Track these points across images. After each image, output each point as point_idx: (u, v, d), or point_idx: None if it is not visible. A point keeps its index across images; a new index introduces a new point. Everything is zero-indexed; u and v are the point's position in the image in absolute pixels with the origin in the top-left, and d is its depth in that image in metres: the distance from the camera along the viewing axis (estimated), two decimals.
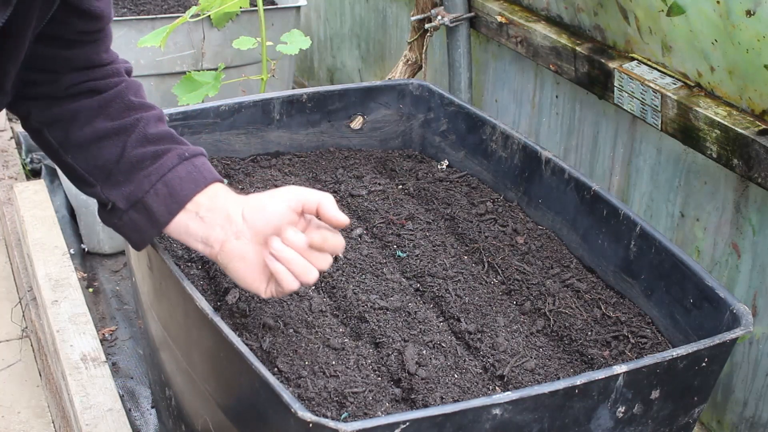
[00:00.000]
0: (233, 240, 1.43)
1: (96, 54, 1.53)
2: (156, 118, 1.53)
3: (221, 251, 1.44)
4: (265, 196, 1.46)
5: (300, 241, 1.39)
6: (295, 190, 1.44)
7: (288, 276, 1.39)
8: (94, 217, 2.91)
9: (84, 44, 1.50)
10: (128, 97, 1.52)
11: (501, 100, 2.72)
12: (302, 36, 2.65)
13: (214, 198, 1.46)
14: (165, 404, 1.91)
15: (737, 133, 1.84)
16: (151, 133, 1.49)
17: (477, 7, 2.62)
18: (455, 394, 1.48)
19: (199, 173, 1.48)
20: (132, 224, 1.48)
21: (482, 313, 1.69)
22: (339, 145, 2.20)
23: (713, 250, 2.08)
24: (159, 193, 1.45)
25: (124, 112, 1.51)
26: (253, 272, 1.44)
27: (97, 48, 1.53)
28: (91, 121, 1.49)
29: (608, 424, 1.40)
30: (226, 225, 1.44)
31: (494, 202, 2.01)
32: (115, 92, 1.52)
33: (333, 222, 1.42)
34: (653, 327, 1.67)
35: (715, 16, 1.81)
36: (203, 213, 1.45)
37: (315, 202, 1.42)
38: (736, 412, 2.09)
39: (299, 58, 3.95)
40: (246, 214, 1.43)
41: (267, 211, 1.43)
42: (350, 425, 1.23)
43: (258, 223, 1.43)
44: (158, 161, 1.46)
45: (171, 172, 1.46)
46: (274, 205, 1.43)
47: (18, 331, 2.77)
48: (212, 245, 1.45)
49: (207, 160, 1.52)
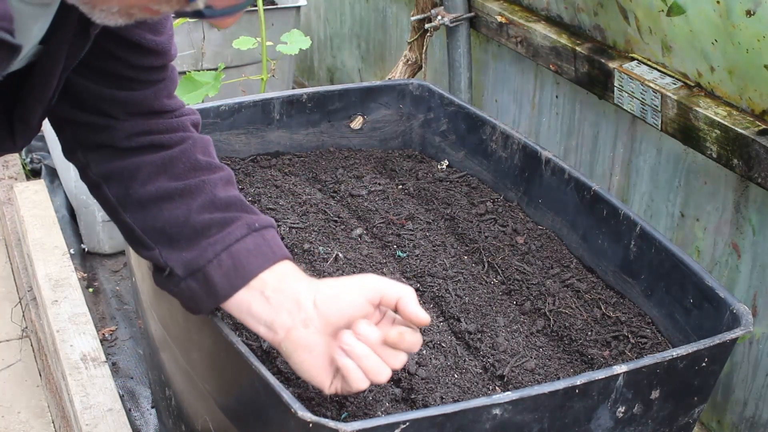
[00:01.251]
0: (301, 328, 1.30)
1: (157, 99, 1.41)
2: (225, 181, 1.41)
3: (286, 338, 1.31)
4: (340, 283, 1.33)
5: (374, 336, 1.27)
6: (374, 280, 1.32)
7: (357, 373, 1.27)
8: (94, 217, 2.91)
9: (142, 85, 1.39)
10: (195, 155, 1.41)
11: (501, 100, 2.72)
12: (302, 36, 2.65)
13: (284, 278, 1.33)
14: (165, 404, 1.91)
15: (737, 133, 1.84)
16: (219, 197, 1.38)
17: (477, 7, 2.62)
18: (455, 394, 1.48)
19: (269, 248, 1.35)
20: (189, 293, 1.36)
21: (482, 313, 1.69)
22: (339, 145, 2.20)
23: (713, 250, 2.08)
24: (223, 265, 1.33)
25: (191, 172, 1.39)
26: (319, 365, 1.31)
27: (158, 92, 1.41)
28: (154, 179, 1.38)
29: (608, 424, 1.40)
30: (294, 310, 1.30)
31: (494, 202, 2.01)
32: (181, 149, 1.41)
33: (413, 319, 1.29)
34: (653, 327, 1.67)
35: (715, 16, 1.81)
36: (269, 293, 1.32)
37: (395, 296, 1.29)
38: (736, 412, 2.09)
39: (299, 58, 3.95)
40: (318, 301, 1.30)
41: (341, 301, 1.30)
42: (350, 425, 1.23)
43: (330, 312, 1.29)
44: (225, 230, 1.34)
45: (238, 243, 1.33)
46: (349, 295, 1.30)
47: (18, 331, 2.77)
48: (277, 331, 1.31)
49: (277, 233, 1.40)
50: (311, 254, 1.79)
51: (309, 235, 1.84)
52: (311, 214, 1.91)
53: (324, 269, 1.75)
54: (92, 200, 2.87)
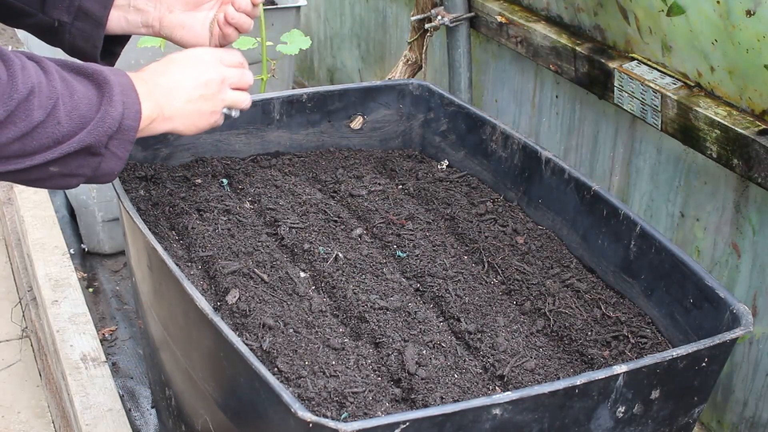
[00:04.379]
0: (167, 15, 1.66)
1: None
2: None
3: (162, 27, 1.67)
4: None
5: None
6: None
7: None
8: (94, 217, 2.91)
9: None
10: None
11: (501, 100, 2.72)
12: (302, 36, 2.64)
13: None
14: (165, 404, 1.91)
15: (737, 133, 1.84)
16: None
17: (477, 7, 2.62)
18: (455, 394, 1.48)
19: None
20: (81, 33, 1.61)
21: (482, 313, 1.69)
22: (339, 145, 2.20)
23: (713, 250, 2.08)
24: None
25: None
26: (195, 34, 1.67)
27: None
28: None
29: (608, 424, 1.40)
30: (157, 4, 1.65)
31: (494, 202, 2.01)
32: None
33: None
34: (653, 327, 1.67)
35: (715, 16, 1.81)
36: (134, 3, 1.64)
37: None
38: (736, 412, 2.09)
39: (299, 58, 3.95)
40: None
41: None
42: (350, 425, 1.23)
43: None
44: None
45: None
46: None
47: (18, 331, 2.77)
48: (152, 25, 1.66)
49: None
50: (311, 254, 1.79)
51: (309, 235, 1.84)
52: (311, 214, 1.91)
53: (324, 269, 1.75)
54: (92, 200, 2.87)
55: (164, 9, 1.67)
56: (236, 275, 1.69)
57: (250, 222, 1.88)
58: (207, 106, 1.55)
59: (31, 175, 1.35)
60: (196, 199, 1.93)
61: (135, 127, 1.40)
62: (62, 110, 1.33)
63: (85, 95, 1.36)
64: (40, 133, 1.31)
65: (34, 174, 1.35)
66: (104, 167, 1.40)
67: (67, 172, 1.37)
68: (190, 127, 1.54)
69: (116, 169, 1.42)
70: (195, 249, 1.78)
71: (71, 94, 1.35)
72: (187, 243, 1.81)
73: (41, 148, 1.32)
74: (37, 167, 1.33)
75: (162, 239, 1.81)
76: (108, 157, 1.39)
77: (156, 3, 1.67)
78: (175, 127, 1.51)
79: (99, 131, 1.36)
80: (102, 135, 1.36)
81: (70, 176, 1.38)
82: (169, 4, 1.67)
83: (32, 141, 1.31)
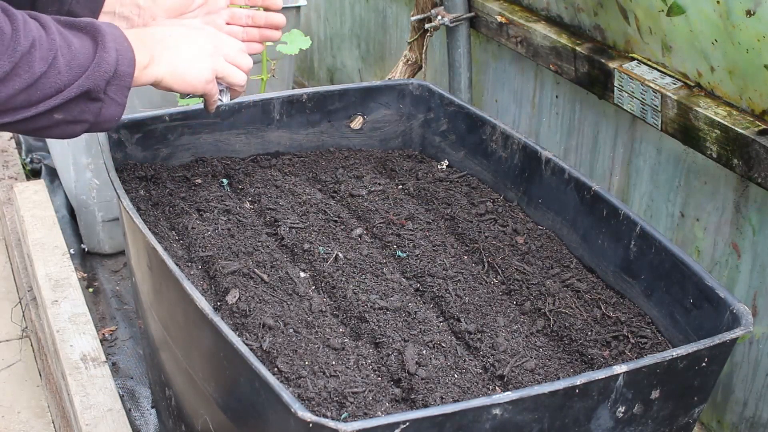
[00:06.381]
0: (151, 22, 1.70)
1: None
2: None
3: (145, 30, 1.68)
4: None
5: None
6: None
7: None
8: (94, 217, 2.91)
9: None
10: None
11: (501, 100, 2.72)
12: (302, 36, 2.64)
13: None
14: (165, 404, 1.91)
15: (737, 133, 1.84)
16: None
17: (477, 7, 2.62)
18: (455, 394, 1.48)
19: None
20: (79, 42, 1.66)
21: (482, 313, 1.69)
22: (339, 145, 2.20)
23: (713, 250, 2.08)
24: (80, 2, 1.66)
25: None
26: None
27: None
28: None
29: (608, 424, 1.40)
30: (141, 12, 1.70)
31: (494, 202, 2.01)
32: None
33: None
34: (653, 327, 1.67)
35: (715, 16, 1.81)
36: (120, 10, 1.69)
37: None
38: (736, 412, 2.09)
39: (299, 58, 3.95)
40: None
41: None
42: (350, 425, 1.23)
43: (165, 3, 1.72)
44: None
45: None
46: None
47: (18, 331, 2.77)
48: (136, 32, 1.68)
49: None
50: (311, 254, 1.79)
51: (309, 235, 1.84)
52: (311, 214, 1.91)
53: (324, 269, 1.75)
54: (92, 200, 2.87)
55: (148, 17, 1.71)
56: (236, 275, 1.69)
57: (250, 222, 1.88)
58: (198, 63, 1.61)
59: (38, 123, 1.43)
60: (196, 199, 1.93)
61: (130, 73, 1.48)
62: (62, 61, 1.40)
63: (81, 46, 1.44)
64: (43, 83, 1.39)
65: (40, 122, 1.43)
66: (105, 113, 1.47)
67: (71, 119, 1.45)
68: (179, 80, 1.60)
69: (116, 114, 1.49)
70: (195, 249, 1.78)
71: (69, 46, 1.42)
72: (187, 243, 1.81)
73: (45, 97, 1.40)
74: (42, 115, 1.41)
75: (162, 239, 1.81)
76: (108, 102, 1.47)
77: (140, 11, 1.71)
78: (163, 76, 1.57)
79: (96, 76, 1.43)
80: (99, 79, 1.44)
81: (74, 123, 1.46)
82: (152, 12, 1.71)
83: (36, 91, 1.39)
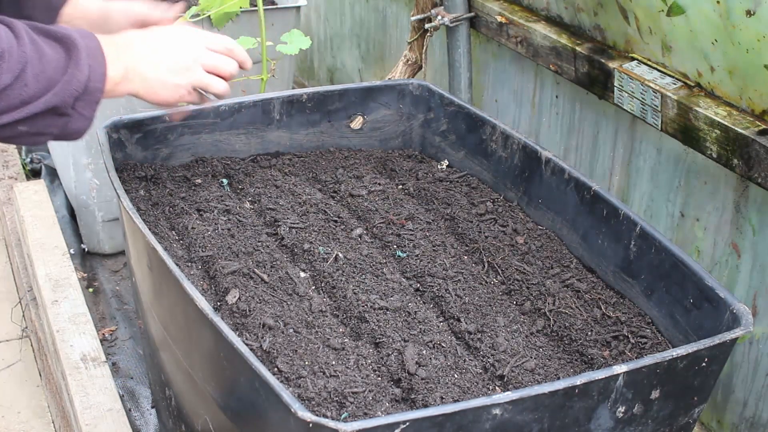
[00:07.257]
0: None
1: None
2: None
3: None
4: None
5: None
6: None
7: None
8: (94, 217, 2.91)
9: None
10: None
11: (501, 100, 2.72)
12: (302, 36, 2.64)
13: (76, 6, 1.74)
14: (165, 404, 1.91)
15: (737, 133, 1.84)
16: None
17: (477, 7, 2.62)
18: (455, 394, 1.48)
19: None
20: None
21: (482, 313, 1.69)
22: (339, 145, 2.20)
23: (713, 250, 2.08)
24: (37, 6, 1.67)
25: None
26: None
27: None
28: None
29: (608, 424, 1.40)
30: (103, 26, 1.72)
31: (494, 202, 2.01)
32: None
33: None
34: (653, 327, 1.67)
35: (715, 16, 1.81)
36: (76, 23, 1.71)
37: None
38: (736, 412, 2.09)
39: (299, 58, 3.95)
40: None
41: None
42: (350, 425, 1.23)
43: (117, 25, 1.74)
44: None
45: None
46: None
47: (18, 331, 2.77)
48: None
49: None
50: (311, 254, 1.79)
51: (309, 235, 1.84)
52: (311, 214, 1.91)
53: (324, 269, 1.75)
54: (92, 200, 2.87)
55: (113, 30, 1.70)
56: (236, 275, 1.69)
57: (250, 222, 1.88)
58: (172, 79, 1.59)
59: (2, 133, 1.43)
60: (196, 199, 1.93)
61: (101, 89, 1.47)
62: (30, 73, 1.39)
63: (53, 58, 1.42)
64: (8, 95, 1.38)
65: (3, 132, 1.42)
66: (71, 126, 1.47)
67: (35, 131, 1.44)
68: (152, 95, 1.59)
69: (83, 128, 1.49)
70: (195, 249, 1.78)
71: (40, 57, 1.41)
72: (187, 243, 1.81)
73: (9, 109, 1.40)
74: (6, 126, 1.41)
75: (162, 239, 1.81)
76: (75, 117, 1.46)
77: (102, 23, 1.74)
78: (137, 91, 1.57)
79: (65, 93, 1.42)
80: (68, 96, 1.42)
81: (39, 135, 1.45)
82: (118, 24, 1.73)
83: (0, 102, 1.39)
